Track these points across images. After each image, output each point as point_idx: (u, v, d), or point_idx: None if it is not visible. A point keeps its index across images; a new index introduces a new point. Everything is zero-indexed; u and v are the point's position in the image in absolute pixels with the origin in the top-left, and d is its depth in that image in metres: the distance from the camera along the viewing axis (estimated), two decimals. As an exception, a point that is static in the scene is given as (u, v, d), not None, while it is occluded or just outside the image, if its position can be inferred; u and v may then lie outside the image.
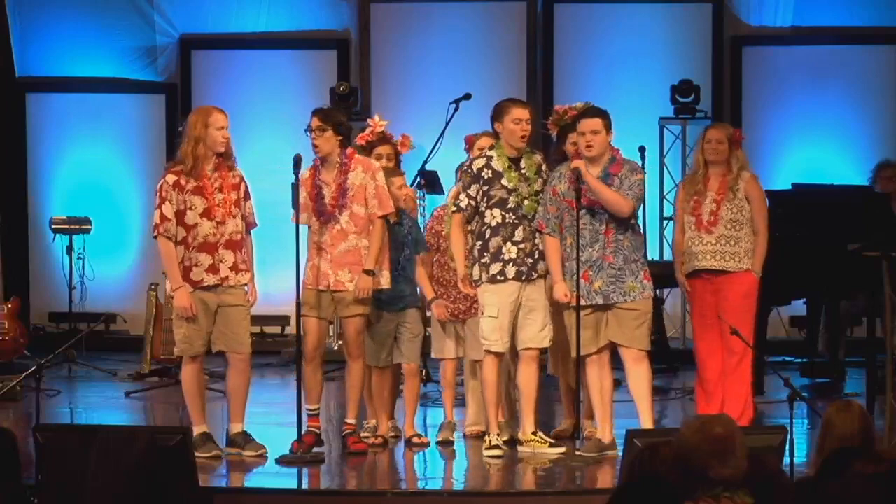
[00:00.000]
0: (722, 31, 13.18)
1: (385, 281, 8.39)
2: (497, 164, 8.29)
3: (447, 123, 10.25)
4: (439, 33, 13.23)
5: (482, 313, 8.31)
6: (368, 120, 9.04)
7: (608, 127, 8.16)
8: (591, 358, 8.18)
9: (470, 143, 8.91)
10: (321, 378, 8.50)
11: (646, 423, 8.12)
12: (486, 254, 8.28)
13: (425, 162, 10.51)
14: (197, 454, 7.96)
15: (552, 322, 8.34)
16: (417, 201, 10.44)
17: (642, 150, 11.49)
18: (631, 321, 8.13)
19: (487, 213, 8.27)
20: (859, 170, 11.98)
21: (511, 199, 8.26)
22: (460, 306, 8.70)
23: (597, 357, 8.19)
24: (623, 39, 13.12)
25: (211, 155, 8.18)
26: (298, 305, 8.27)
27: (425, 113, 11.75)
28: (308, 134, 8.35)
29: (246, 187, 8.31)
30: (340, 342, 10.13)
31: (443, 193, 10.83)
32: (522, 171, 8.29)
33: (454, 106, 10.36)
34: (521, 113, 8.29)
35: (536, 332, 8.27)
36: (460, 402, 9.03)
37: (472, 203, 8.30)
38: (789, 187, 11.13)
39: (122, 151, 13.39)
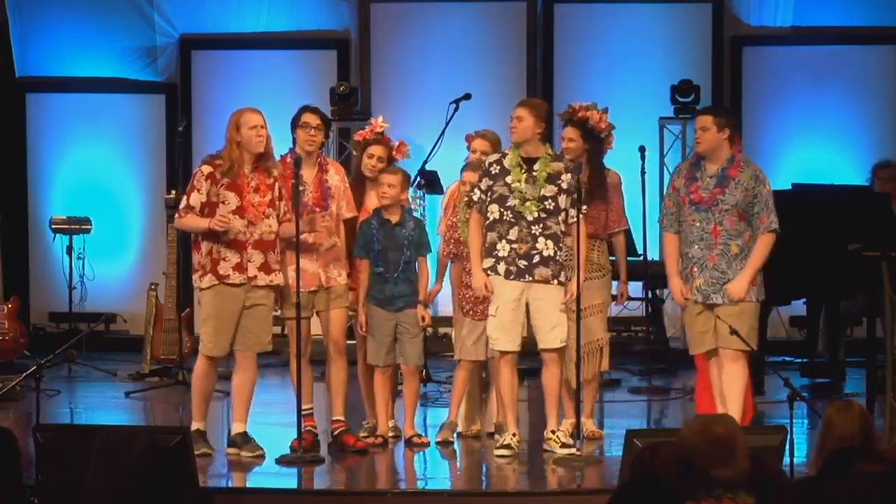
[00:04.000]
0: (722, 31, 13.18)
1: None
2: (507, 162, 8.31)
3: (447, 123, 10.26)
4: (439, 33, 13.22)
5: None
6: (371, 119, 9.05)
7: (720, 125, 8.13)
8: (702, 356, 8.24)
9: (470, 141, 8.92)
10: (311, 377, 8.54)
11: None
12: (486, 247, 8.32)
13: (425, 162, 10.51)
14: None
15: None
16: (418, 202, 10.44)
17: (642, 150, 11.48)
18: (728, 322, 8.08)
19: (489, 207, 8.30)
20: (859, 170, 11.98)
21: (511, 197, 8.27)
22: (481, 307, 8.67)
23: (712, 359, 8.21)
24: (623, 39, 13.12)
25: (248, 157, 8.18)
26: (298, 306, 8.28)
27: (425, 113, 11.75)
28: (298, 129, 8.39)
29: (280, 189, 8.30)
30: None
31: (442, 193, 10.82)
32: (533, 174, 8.29)
33: (454, 106, 10.37)
34: (515, 111, 8.35)
35: (547, 333, 8.28)
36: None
37: (483, 197, 8.32)
38: (789, 187, 11.12)
39: (122, 151, 13.38)
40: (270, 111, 8.41)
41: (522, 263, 8.27)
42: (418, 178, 10.49)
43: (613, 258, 8.84)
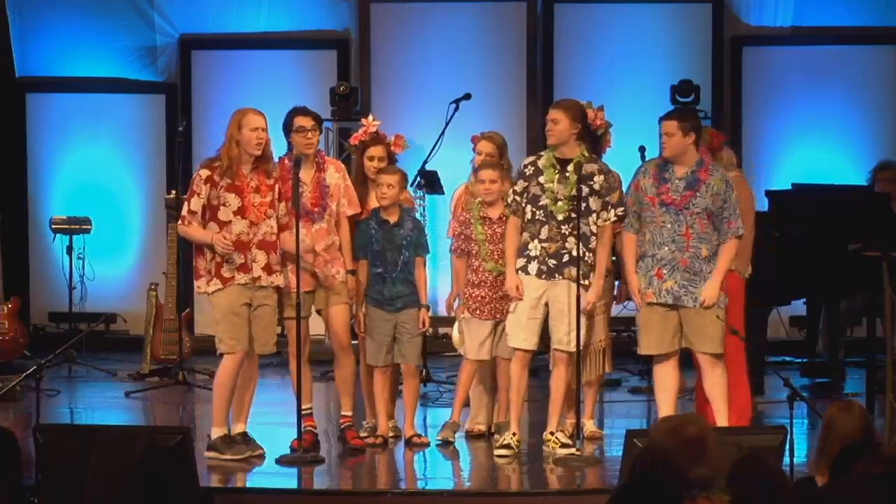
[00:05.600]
0: (722, 31, 13.17)
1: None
2: (542, 162, 8.34)
3: (447, 123, 10.26)
4: (439, 33, 13.22)
5: None
6: (362, 120, 9.05)
7: (685, 129, 8.16)
8: (657, 358, 8.20)
9: (476, 143, 8.91)
10: (310, 376, 8.54)
11: (721, 423, 8.06)
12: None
13: (425, 162, 10.52)
14: (226, 456, 7.98)
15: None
16: (418, 202, 10.44)
17: (642, 150, 11.45)
18: (703, 326, 8.08)
19: (525, 208, 8.33)
20: (859, 170, 11.97)
21: (544, 196, 8.28)
22: (497, 306, 8.68)
23: (665, 359, 8.19)
24: (623, 39, 13.11)
25: (247, 157, 8.17)
26: (298, 306, 8.29)
27: (425, 113, 11.76)
28: (293, 133, 8.39)
29: (280, 189, 8.30)
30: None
31: (442, 193, 10.83)
32: (566, 174, 8.29)
33: (454, 106, 10.38)
34: (549, 114, 8.37)
35: (563, 335, 8.29)
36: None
37: (517, 199, 8.35)
38: (789, 187, 11.12)
39: (122, 151, 13.38)
40: (271, 111, 8.41)
41: (552, 262, 8.29)
42: (418, 178, 10.49)
43: (614, 258, 8.84)
